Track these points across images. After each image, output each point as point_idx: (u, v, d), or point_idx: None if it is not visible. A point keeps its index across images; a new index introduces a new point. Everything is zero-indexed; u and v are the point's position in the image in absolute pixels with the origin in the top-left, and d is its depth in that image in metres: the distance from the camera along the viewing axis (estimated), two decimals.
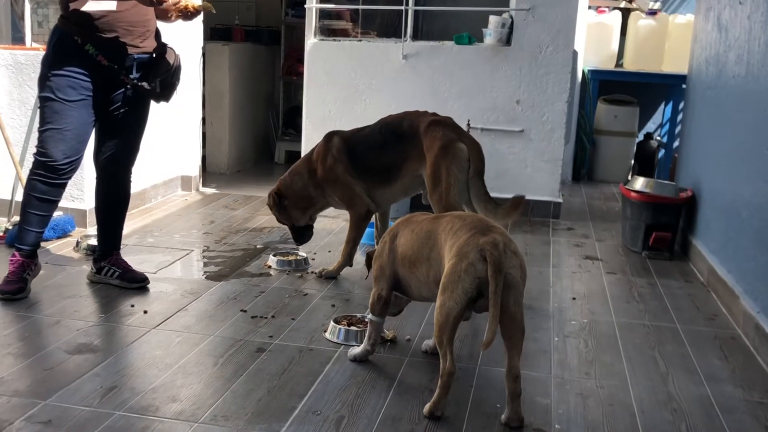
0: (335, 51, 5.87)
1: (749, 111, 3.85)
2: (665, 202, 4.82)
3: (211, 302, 3.63)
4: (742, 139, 3.96)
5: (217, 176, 6.76)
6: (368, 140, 4.02)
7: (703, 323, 3.65)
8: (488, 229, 2.58)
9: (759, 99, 3.71)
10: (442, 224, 2.74)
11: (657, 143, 7.79)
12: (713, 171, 4.56)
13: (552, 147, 5.72)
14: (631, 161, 7.77)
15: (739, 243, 3.83)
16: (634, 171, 7.76)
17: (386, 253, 2.95)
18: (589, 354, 3.21)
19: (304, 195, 4.13)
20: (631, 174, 7.75)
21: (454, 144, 3.79)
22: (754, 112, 3.77)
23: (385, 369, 2.97)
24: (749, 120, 3.85)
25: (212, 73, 6.86)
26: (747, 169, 3.82)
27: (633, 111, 7.69)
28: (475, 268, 2.48)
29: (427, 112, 4.04)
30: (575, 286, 4.14)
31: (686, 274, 4.47)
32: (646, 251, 4.83)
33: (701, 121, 5.10)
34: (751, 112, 3.83)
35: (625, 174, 7.72)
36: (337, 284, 3.99)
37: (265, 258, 4.35)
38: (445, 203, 3.77)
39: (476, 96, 5.70)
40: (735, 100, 4.20)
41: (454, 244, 2.58)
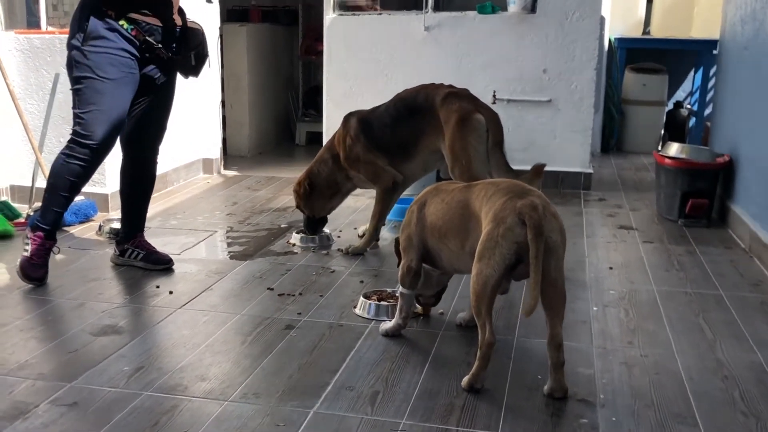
0: (355, 26, 5.75)
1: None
2: (702, 168, 4.67)
3: (237, 281, 3.55)
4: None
5: (238, 159, 6.68)
6: (383, 117, 3.93)
7: (748, 289, 3.51)
8: (525, 192, 2.46)
9: None
10: (475, 192, 2.63)
11: (687, 112, 7.62)
12: (753, 134, 4.40)
13: (581, 116, 5.58)
14: (661, 131, 7.59)
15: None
16: (664, 141, 7.57)
17: (414, 222, 2.85)
18: (630, 323, 3.10)
19: (332, 181, 4.08)
20: (661, 144, 7.59)
21: (471, 115, 3.69)
22: None
23: (419, 343, 2.88)
24: None
25: (230, 55, 6.78)
26: None
27: (662, 79, 7.51)
28: (514, 233, 2.37)
29: (442, 84, 3.93)
30: (611, 256, 4.01)
31: (726, 240, 4.33)
32: (682, 219, 4.69)
33: (737, 84, 4.93)
34: None
35: (655, 144, 7.55)
36: (364, 260, 3.90)
37: (289, 237, 4.26)
38: (468, 177, 3.66)
39: (501, 66, 5.57)
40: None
41: (490, 209, 2.47)
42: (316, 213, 4.13)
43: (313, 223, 4.15)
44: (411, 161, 3.92)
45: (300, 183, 4.10)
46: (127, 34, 3.31)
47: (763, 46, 4.30)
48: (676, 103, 7.68)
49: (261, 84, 7.17)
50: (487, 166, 3.70)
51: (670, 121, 7.58)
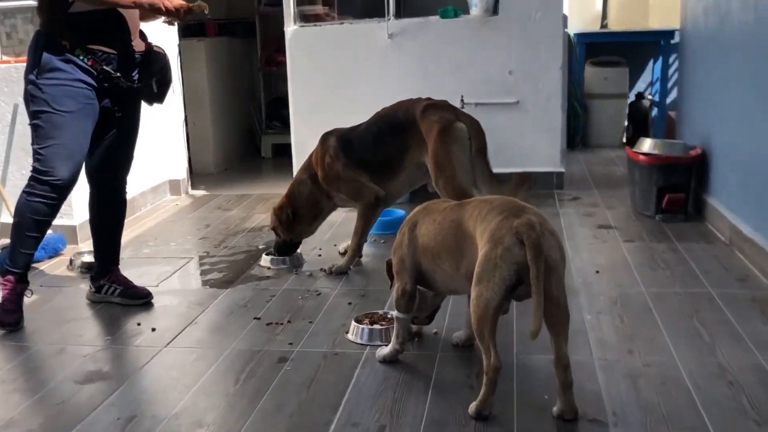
0: (317, 37, 5.64)
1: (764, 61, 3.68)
2: (676, 162, 4.65)
3: (221, 312, 3.43)
4: (756, 89, 3.79)
5: (204, 177, 6.52)
6: (365, 136, 3.85)
7: (736, 285, 3.49)
8: (521, 210, 2.39)
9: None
10: (467, 211, 2.55)
11: (650, 102, 7.63)
12: (724, 126, 4.39)
13: (549, 116, 5.53)
14: (625, 123, 7.60)
15: (764, 199, 3.66)
16: (629, 133, 7.60)
17: (406, 244, 2.76)
18: (626, 330, 3.04)
19: (312, 202, 3.99)
20: (625, 136, 7.60)
21: (452, 125, 3.63)
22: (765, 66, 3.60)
23: (418, 368, 2.79)
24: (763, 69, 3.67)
25: (190, 71, 6.61)
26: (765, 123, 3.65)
27: (622, 71, 7.52)
28: (512, 253, 2.29)
29: (420, 98, 3.87)
30: (596, 258, 3.97)
31: (706, 234, 4.31)
32: (659, 215, 4.66)
33: (704, 76, 4.92)
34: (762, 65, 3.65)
35: (619, 136, 7.57)
36: (349, 279, 3.80)
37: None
38: (453, 187, 3.60)
39: (467, 70, 5.50)
40: (744, 49, 4.01)
41: (485, 229, 2.39)
42: (295, 237, 4.03)
43: (288, 247, 4.04)
44: (396, 178, 3.85)
45: (281, 208, 3.98)
46: (83, 65, 3.15)
47: (730, 38, 4.29)
48: (637, 95, 7.69)
49: (223, 98, 7.02)
50: (471, 175, 3.64)
51: (633, 112, 7.59)
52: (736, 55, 4.18)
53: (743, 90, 4.01)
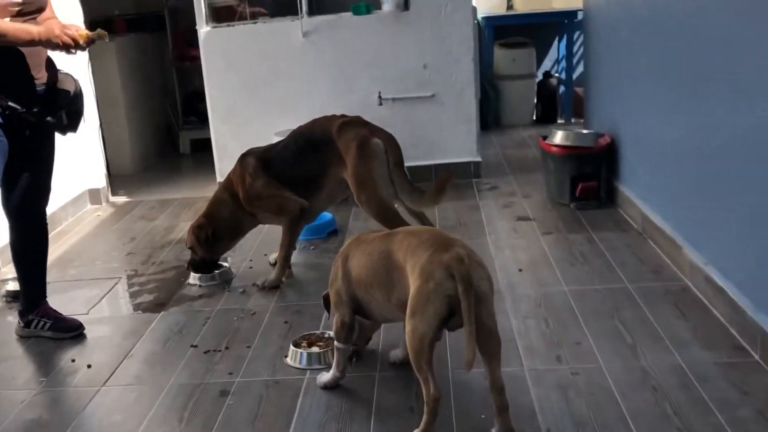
0: (231, 38, 5.53)
1: (669, 50, 3.79)
2: (587, 152, 4.78)
3: (157, 341, 3.38)
4: (664, 78, 3.90)
5: (124, 180, 6.34)
6: (284, 154, 3.85)
7: (651, 278, 3.63)
8: (449, 243, 2.44)
9: (679, 36, 3.63)
10: (395, 242, 2.59)
11: (557, 81, 7.78)
12: (632, 114, 4.51)
13: (464, 107, 5.60)
14: (534, 102, 7.74)
15: (673, 190, 3.81)
16: (538, 111, 7.75)
17: (340, 276, 2.78)
18: (552, 335, 3.14)
19: (234, 222, 3.95)
20: (535, 114, 7.75)
21: (368, 141, 3.66)
22: (675, 51, 3.70)
23: (358, 392, 2.83)
24: (670, 59, 3.77)
25: (100, 71, 6.37)
26: (672, 113, 3.77)
27: (530, 52, 7.63)
28: (444, 287, 2.35)
29: (335, 115, 3.89)
30: (517, 255, 4.07)
31: (619, 222, 4.47)
32: (574, 203, 4.80)
33: (610, 61, 5.03)
34: (671, 51, 3.76)
35: (530, 115, 7.71)
36: (282, 295, 3.79)
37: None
38: (376, 203, 3.65)
39: (383, 66, 5.50)
40: (649, 36, 4.11)
41: (416, 263, 2.44)
42: (213, 256, 3.99)
43: (206, 265, 4.00)
44: (318, 194, 3.86)
45: (200, 227, 3.91)
46: None
47: (634, 24, 4.38)
48: (545, 74, 7.83)
49: (136, 97, 6.83)
50: (391, 188, 3.67)
51: (541, 91, 7.73)
52: (640, 41, 4.27)
53: (650, 78, 4.10)
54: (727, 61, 3.05)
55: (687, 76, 3.53)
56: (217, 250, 3.98)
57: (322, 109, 5.45)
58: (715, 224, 3.28)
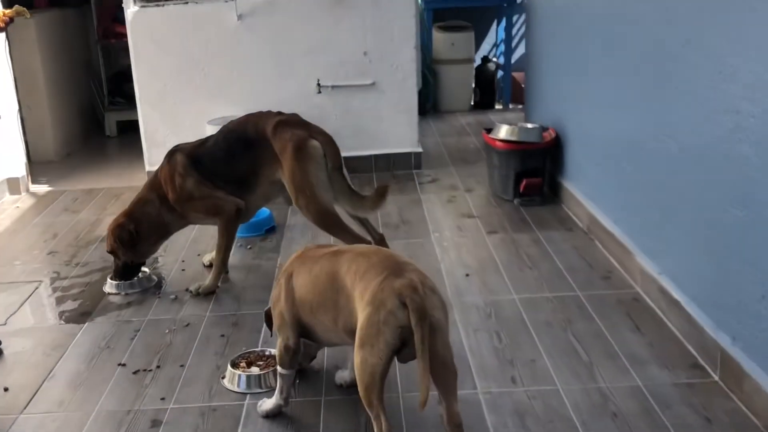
0: (161, 19, 5.15)
1: (623, 39, 3.61)
2: (532, 148, 4.61)
3: (82, 357, 3.08)
4: (615, 72, 3.72)
5: (45, 166, 5.91)
6: (214, 151, 3.56)
7: (602, 285, 3.49)
8: (400, 268, 2.22)
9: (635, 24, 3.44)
10: (344, 264, 2.35)
11: (495, 65, 7.61)
12: (579, 108, 4.34)
13: (406, 96, 5.37)
14: (472, 87, 7.55)
15: (623, 192, 3.65)
16: (476, 96, 7.57)
17: (283, 297, 2.53)
18: (505, 351, 2.97)
19: (160, 223, 3.64)
20: (473, 99, 7.56)
21: (305, 143, 3.40)
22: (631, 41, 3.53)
23: (304, 419, 2.59)
24: (625, 49, 3.60)
25: (19, 50, 5.91)
26: (625, 110, 3.60)
27: (469, 36, 7.42)
28: (396, 317, 2.13)
29: (270, 111, 3.61)
30: (464, 258, 3.88)
31: (564, 220, 4.32)
32: (518, 198, 4.64)
33: (556, 50, 4.82)
34: (625, 40, 3.59)
35: (468, 101, 7.52)
36: (219, 302, 3.52)
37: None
38: (315, 207, 3.41)
39: (322, 52, 5.21)
40: (601, 26, 3.92)
41: (365, 289, 2.21)
42: (137, 259, 3.68)
43: (129, 270, 3.69)
44: (251, 194, 3.59)
45: (121, 227, 3.60)
46: None
47: (586, 15, 4.20)
48: (483, 58, 7.65)
49: (59, 77, 6.37)
50: (331, 192, 3.42)
51: (479, 76, 7.55)
52: (590, 29, 4.08)
53: (601, 70, 3.92)
54: (690, 54, 2.87)
55: (643, 69, 3.34)
56: (140, 253, 3.67)
57: (258, 96, 5.21)
58: (670, 232, 3.14)
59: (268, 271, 3.84)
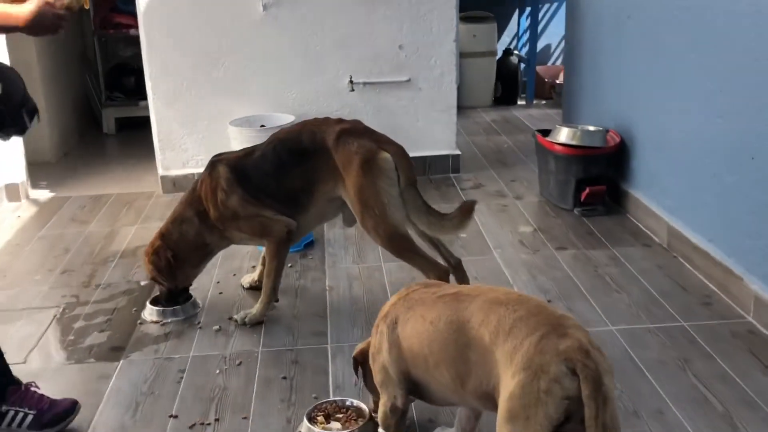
0: (177, 7, 4.64)
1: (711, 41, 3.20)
2: (596, 153, 4.20)
3: (124, 407, 2.60)
4: (704, 75, 3.33)
5: (42, 168, 5.36)
6: (262, 164, 3.10)
7: (705, 313, 3.08)
8: (559, 323, 1.80)
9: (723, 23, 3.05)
10: (476, 313, 1.91)
11: (518, 59, 7.19)
12: (652, 111, 3.93)
13: (444, 95, 4.93)
14: (494, 81, 7.13)
15: (723, 208, 3.25)
16: (497, 91, 7.15)
17: (386, 348, 2.09)
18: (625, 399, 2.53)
19: (200, 244, 3.19)
20: (494, 95, 7.14)
21: (375, 155, 2.94)
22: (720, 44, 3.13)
23: None
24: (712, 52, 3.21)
25: (13, 42, 5.37)
26: (715, 115, 3.21)
27: (491, 27, 7.01)
28: (562, 386, 1.70)
29: (328, 118, 3.16)
30: (539, 280, 3.46)
31: (636, 234, 3.92)
32: (578, 208, 4.23)
33: (616, 47, 4.39)
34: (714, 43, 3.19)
35: (489, 96, 7.10)
36: (269, 333, 3.06)
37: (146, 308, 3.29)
38: (385, 229, 2.96)
39: (354, 46, 4.75)
40: (681, 24, 3.52)
41: (515, 349, 1.77)
42: (180, 284, 3.23)
43: (175, 295, 3.25)
44: (305, 214, 3.13)
45: (157, 252, 3.15)
46: None
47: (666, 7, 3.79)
48: (505, 51, 7.23)
49: (54, 70, 5.82)
50: (403, 211, 2.97)
51: (501, 70, 7.13)
52: (663, 31, 3.69)
53: (682, 69, 3.54)
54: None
55: (745, 66, 2.96)
56: (181, 278, 3.22)
57: (284, 94, 4.75)
58: None
59: (317, 295, 3.40)
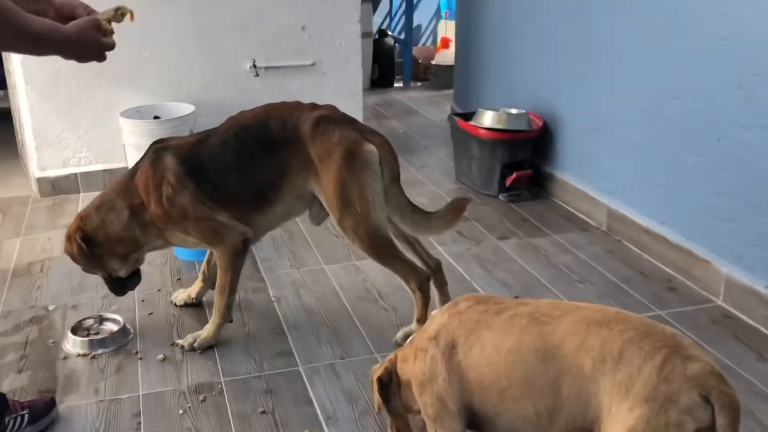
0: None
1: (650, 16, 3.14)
2: (521, 137, 4.05)
3: None
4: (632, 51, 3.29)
5: None
6: (221, 154, 2.65)
7: (676, 301, 3.00)
8: (678, 343, 1.57)
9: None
10: (570, 337, 1.63)
11: (393, 40, 6.97)
12: (576, 93, 3.85)
13: (350, 78, 4.62)
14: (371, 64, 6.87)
15: (679, 191, 3.18)
16: (374, 74, 6.91)
17: (444, 378, 1.79)
18: None
19: (127, 238, 2.70)
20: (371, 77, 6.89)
21: (359, 147, 2.61)
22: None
23: None
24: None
25: None
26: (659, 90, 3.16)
27: (366, 8, 6.66)
28: (694, 417, 1.49)
29: (299, 103, 2.77)
30: (496, 274, 3.26)
31: (571, 219, 3.83)
32: (503, 194, 4.08)
33: (529, 27, 4.28)
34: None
35: (367, 79, 6.83)
36: (227, 359, 2.65)
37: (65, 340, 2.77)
38: (367, 229, 2.62)
39: (253, 26, 4.33)
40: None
41: (632, 377, 1.53)
42: (112, 273, 2.76)
43: (115, 284, 2.79)
44: (269, 211, 2.72)
45: (71, 238, 2.66)
46: None
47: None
48: (380, 32, 6.98)
49: None
50: (385, 210, 2.66)
51: (377, 52, 6.88)
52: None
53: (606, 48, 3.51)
54: None
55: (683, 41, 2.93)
56: (109, 267, 2.73)
57: (178, 81, 4.29)
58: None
59: (264, 307, 3.02)
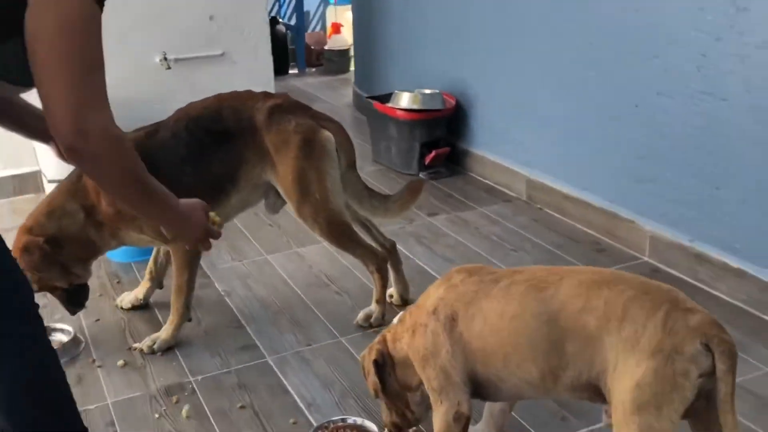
0: None
1: None
2: (438, 116, 4.15)
3: None
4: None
5: None
6: (174, 147, 2.60)
7: (606, 261, 3.17)
8: (675, 298, 1.69)
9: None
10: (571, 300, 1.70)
11: (285, 27, 6.92)
12: (488, 71, 4.01)
13: (260, 67, 4.56)
14: None
15: (600, 158, 3.38)
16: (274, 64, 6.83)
17: (447, 350, 1.85)
18: None
19: (83, 241, 2.60)
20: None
21: (316, 135, 2.63)
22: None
23: None
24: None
25: None
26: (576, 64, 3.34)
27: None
28: (698, 365, 1.60)
29: (251, 92, 2.75)
30: (435, 249, 3.36)
31: (491, 191, 3.98)
32: (423, 172, 4.18)
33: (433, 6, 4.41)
34: None
35: None
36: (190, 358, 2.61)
37: None
38: (327, 216, 2.66)
39: (160, 16, 4.19)
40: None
41: (638, 333, 1.63)
42: (74, 280, 2.65)
43: (75, 295, 2.68)
44: (226, 203, 2.68)
45: (27, 249, 2.51)
46: None
47: None
48: (272, 19, 6.88)
49: None
50: (343, 196, 2.69)
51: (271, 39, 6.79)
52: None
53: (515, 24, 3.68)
54: None
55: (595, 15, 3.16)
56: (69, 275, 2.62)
57: None
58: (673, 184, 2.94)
59: (217, 303, 2.98)
